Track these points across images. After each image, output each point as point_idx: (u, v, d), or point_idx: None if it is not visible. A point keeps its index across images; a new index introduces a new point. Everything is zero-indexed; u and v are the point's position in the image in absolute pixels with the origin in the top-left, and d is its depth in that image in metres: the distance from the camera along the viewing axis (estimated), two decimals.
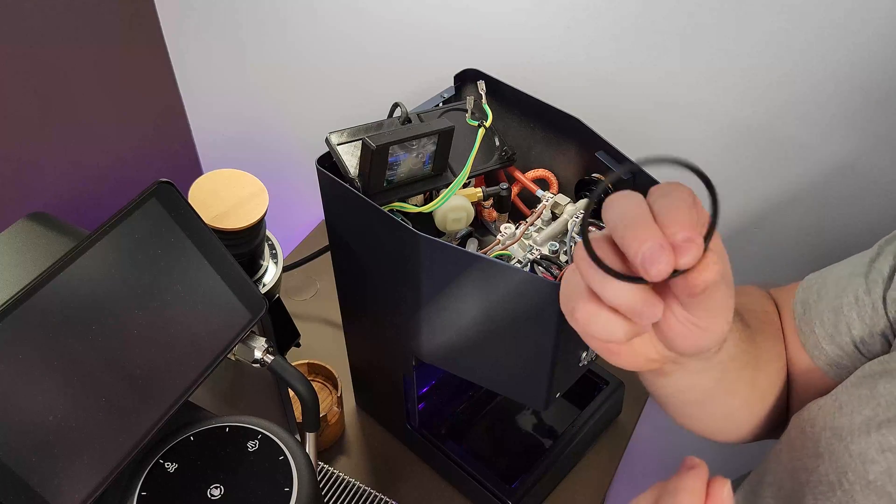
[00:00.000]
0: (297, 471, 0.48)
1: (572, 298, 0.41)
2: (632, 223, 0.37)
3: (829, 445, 0.51)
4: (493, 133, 0.66)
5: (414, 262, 0.57)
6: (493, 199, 0.65)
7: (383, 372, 0.76)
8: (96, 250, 0.45)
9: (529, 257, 0.58)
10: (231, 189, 0.58)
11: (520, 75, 0.67)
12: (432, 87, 0.68)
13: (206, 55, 1.05)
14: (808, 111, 0.70)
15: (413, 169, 0.60)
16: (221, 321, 0.52)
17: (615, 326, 0.40)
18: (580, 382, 0.84)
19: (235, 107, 1.11)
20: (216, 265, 0.51)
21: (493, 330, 0.57)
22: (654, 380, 0.54)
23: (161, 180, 0.49)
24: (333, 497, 0.79)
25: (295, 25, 0.95)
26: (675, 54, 0.73)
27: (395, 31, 0.88)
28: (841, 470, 0.49)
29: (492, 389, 0.64)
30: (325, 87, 1.00)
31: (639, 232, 0.36)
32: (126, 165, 1.03)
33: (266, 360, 0.55)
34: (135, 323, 0.46)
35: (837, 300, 0.58)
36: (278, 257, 0.64)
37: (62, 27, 0.88)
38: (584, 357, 0.60)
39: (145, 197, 0.48)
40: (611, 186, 0.63)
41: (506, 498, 0.74)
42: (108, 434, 0.44)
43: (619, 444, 0.85)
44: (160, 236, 0.48)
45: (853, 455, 0.49)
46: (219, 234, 0.53)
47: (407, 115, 0.62)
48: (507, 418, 0.85)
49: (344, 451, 0.85)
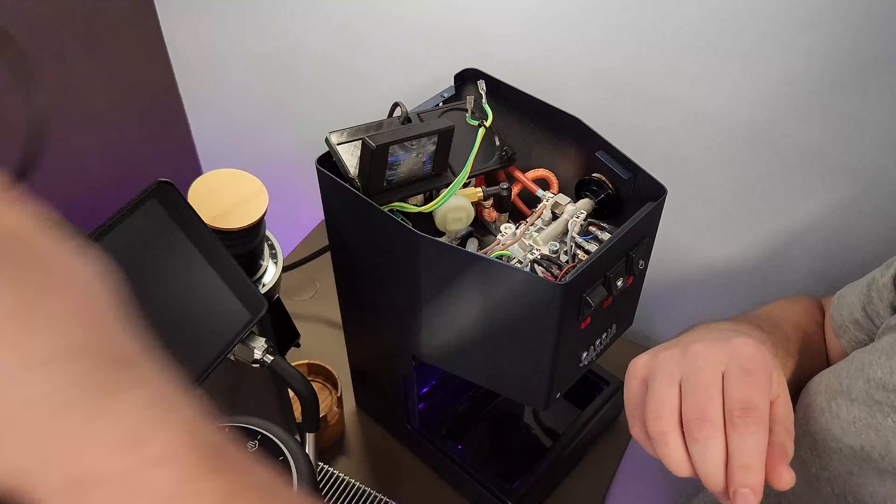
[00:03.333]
0: (297, 471, 0.48)
1: (660, 419, 0.44)
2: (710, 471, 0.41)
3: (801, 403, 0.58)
4: (494, 133, 0.66)
5: (414, 262, 0.57)
6: (493, 199, 0.65)
7: (383, 372, 0.76)
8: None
9: (529, 257, 0.58)
10: (231, 189, 0.58)
11: (520, 75, 0.67)
12: (432, 87, 0.68)
13: (206, 55, 1.05)
14: (811, 111, 0.70)
15: (413, 169, 0.60)
16: (221, 321, 0.51)
17: (679, 465, 0.43)
18: (580, 382, 0.84)
19: (235, 107, 1.11)
20: (216, 265, 0.51)
21: (493, 330, 0.57)
22: None
23: (161, 180, 0.49)
24: (333, 497, 0.79)
25: (295, 25, 0.95)
26: (676, 54, 0.73)
27: (395, 31, 0.88)
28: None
29: (492, 389, 0.64)
30: (325, 87, 1.00)
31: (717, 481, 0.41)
32: (126, 165, 1.03)
33: (266, 361, 0.55)
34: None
35: (865, 286, 0.63)
36: (278, 257, 0.64)
37: (62, 27, 0.88)
38: (584, 357, 0.60)
39: (145, 197, 0.48)
40: (611, 187, 0.63)
41: (506, 498, 0.74)
42: None
43: (620, 444, 0.85)
44: (160, 236, 0.48)
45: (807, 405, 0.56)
46: (219, 234, 0.53)
47: (407, 115, 0.62)
48: (507, 418, 0.85)
49: (344, 451, 0.84)
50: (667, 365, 0.45)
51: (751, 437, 0.40)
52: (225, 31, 1.02)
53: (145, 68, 1.03)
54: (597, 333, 0.60)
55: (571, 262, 0.58)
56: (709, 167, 0.79)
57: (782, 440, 0.42)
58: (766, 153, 0.75)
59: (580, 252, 0.59)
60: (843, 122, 0.69)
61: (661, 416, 0.43)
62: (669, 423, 0.43)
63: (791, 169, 0.75)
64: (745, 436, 0.40)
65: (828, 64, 0.67)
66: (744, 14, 0.68)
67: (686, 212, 0.82)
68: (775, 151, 0.74)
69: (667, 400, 0.43)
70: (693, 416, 0.42)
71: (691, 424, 0.42)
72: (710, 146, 0.77)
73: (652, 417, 0.43)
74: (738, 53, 0.70)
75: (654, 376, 0.45)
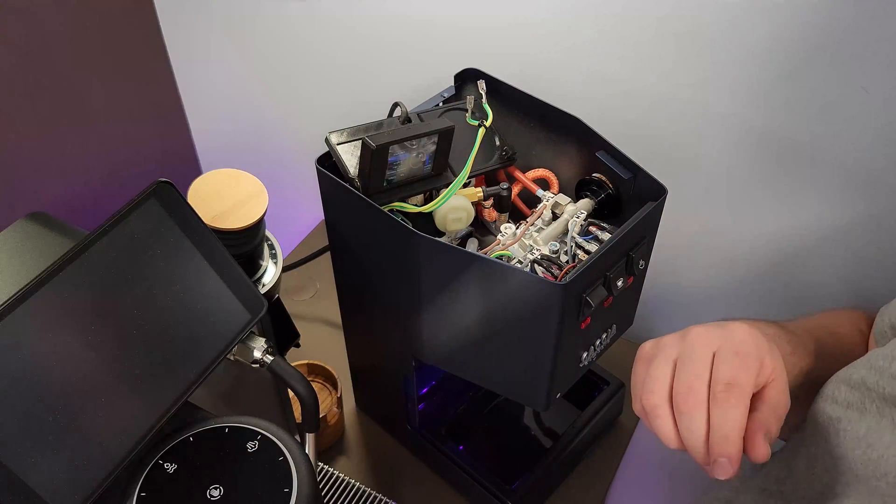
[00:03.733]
0: (297, 471, 0.48)
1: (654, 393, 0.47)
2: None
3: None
4: (494, 133, 0.66)
5: (414, 263, 0.57)
6: (494, 199, 0.65)
7: (383, 372, 0.76)
8: (96, 250, 0.44)
9: (530, 257, 0.58)
10: (231, 189, 0.58)
11: (520, 75, 0.67)
12: (432, 87, 0.68)
13: (206, 55, 1.05)
14: (811, 111, 0.70)
15: (413, 169, 0.60)
16: (221, 321, 0.51)
17: (669, 436, 0.46)
18: (580, 383, 0.84)
19: (235, 107, 1.11)
20: (216, 265, 0.51)
21: (493, 330, 0.57)
22: None
23: (160, 180, 0.49)
24: (333, 497, 0.79)
25: (294, 25, 0.95)
26: (676, 53, 0.73)
27: (395, 31, 0.88)
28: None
29: (492, 390, 0.64)
30: (325, 87, 1.00)
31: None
32: (126, 165, 1.03)
33: (266, 361, 0.55)
34: (134, 323, 0.46)
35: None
36: (278, 257, 0.64)
37: (61, 27, 0.88)
38: (584, 357, 0.60)
39: (145, 197, 0.48)
40: (611, 187, 0.63)
41: (506, 498, 0.74)
42: (107, 434, 0.44)
43: (620, 445, 0.85)
44: (160, 236, 0.48)
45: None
46: (219, 234, 0.53)
47: (407, 115, 0.62)
48: (507, 419, 0.85)
49: (344, 451, 0.84)
50: (666, 347, 0.49)
51: (731, 411, 0.44)
52: (225, 31, 1.02)
53: (145, 68, 1.03)
54: (597, 333, 0.60)
55: (571, 263, 0.58)
56: (709, 167, 0.79)
57: (766, 417, 0.45)
58: (767, 153, 0.75)
59: (580, 252, 0.59)
60: (846, 122, 0.69)
61: (654, 390, 0.47)
62: (660, 398, 0.46)
63: (792, 170, 0.75)
64: (726, 410, 0.44)
65: (827, 61, 0.67)
66: (744, 14, 0.68)
67: (686, 212, 0.82)
68: (776, 152, 0.74)
69: (661, 377, 0.47)
70: (681, 391, 0.46)
71: (678, 398, 0.46)
72: (711, 146, 0.77)
73: (646, 392, 0.47)
74: (738, 53, 0.70)
75: (655, 355, 0.49)
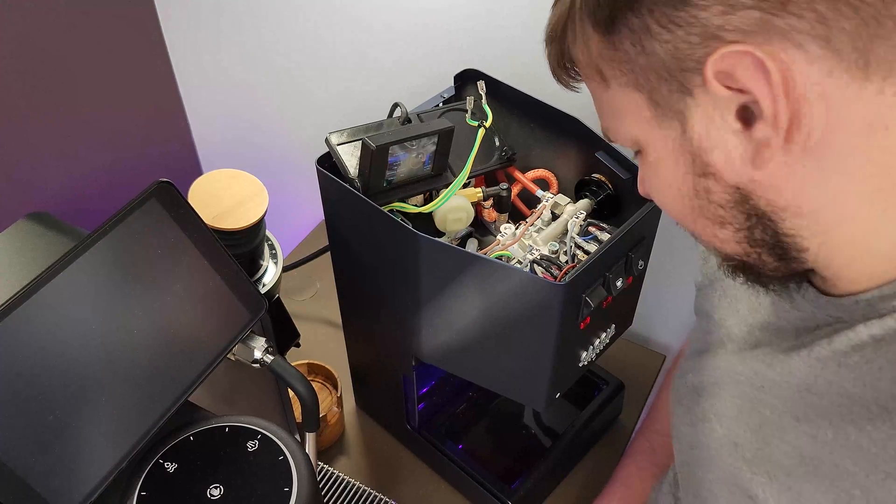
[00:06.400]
0: (297, 471, 0.48)
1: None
2: None
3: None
4: (493, 133, 0.66)
5: (414, 262, 0.57)
6: (493, 200, 0.65)
7: (383, 372, 0.76)
8: (96, 250, 0.45)
9: (529, 257, 0.58)
10: (231, 189, 0.58)
11: (520, 75, 0.67)
12: (432, 87, 0.68)
13: (206, 55, 1.05)
14: None
15: (413, 169, 0.60)
16: (221, 321, 0.52)
17: None
18: (580, 382, 0.84)
19: (235, 107, 1.11)
20: (216, 265, 0.51)
21: (493, 330, 0.57)
22: None
23: (161, 180, 0.49)
24: (333, 497, 0.79)
25: (295, 25, 0.95)
26: None
27: (395, 31, 0.88)
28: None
29: (492, 389, 0.64)
30: (325, 87, 1.00)
31: None
32: (126, 165, 1.03)
33: (266, 360, 0.55)
34: (135, 323, 0.46)
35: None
36: (278, 257, 0.64)
37: (61, 27, 0.88)
38: (584, 357, 0.60)
39: (145, 197, 0.48)
40: (611, 187, 0.63)
41: (506, 498, 0.74)
42: (107, 434, 0.44)
43: (620, 444, 0.85)
44: (160, 236, 0.48)
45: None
46: (219, 234, 0.53)
47: (407, 115, 0.62)
48: (507, 418, 0.85)
49: (344, 451, 0.85)
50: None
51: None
52: (225, 31, 1.02)
53: (145, 68, 1.03)
54: (596, 333, 0.60)
55: (571, 263, 0.58)
56: None
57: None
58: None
59: (580, 252, 0.59)
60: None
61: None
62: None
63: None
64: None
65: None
66: None
67: None
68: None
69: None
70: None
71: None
72: None
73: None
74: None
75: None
